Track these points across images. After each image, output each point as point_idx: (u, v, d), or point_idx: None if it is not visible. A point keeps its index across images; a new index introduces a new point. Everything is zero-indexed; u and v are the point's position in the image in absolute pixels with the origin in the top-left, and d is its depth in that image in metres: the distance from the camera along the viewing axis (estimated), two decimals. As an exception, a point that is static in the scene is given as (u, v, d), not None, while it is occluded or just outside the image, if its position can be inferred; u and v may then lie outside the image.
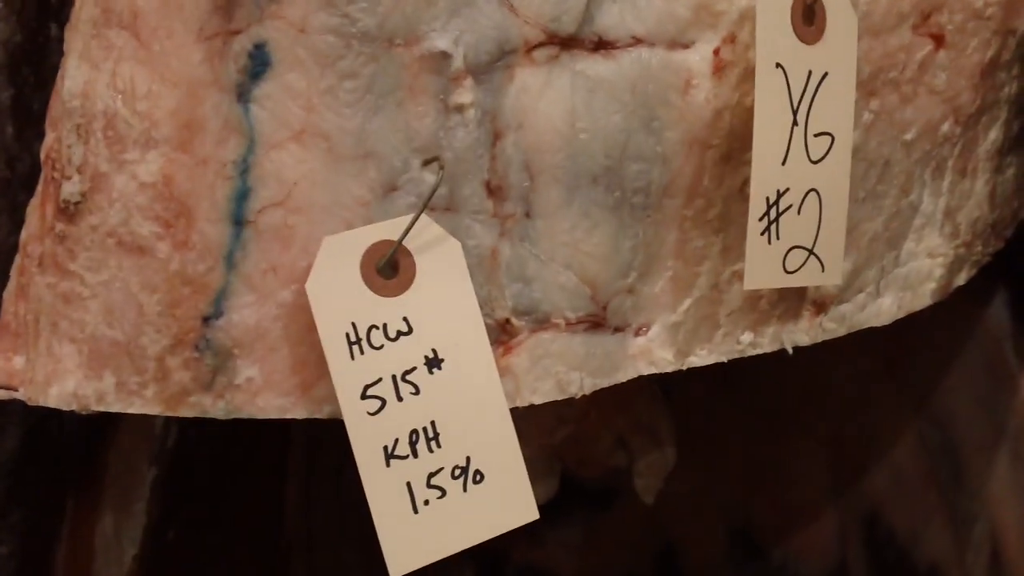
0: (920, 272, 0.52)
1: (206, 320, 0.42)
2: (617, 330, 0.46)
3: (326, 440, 0.70)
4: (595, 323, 0.46)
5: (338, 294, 0.41)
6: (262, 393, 0.43)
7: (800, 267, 0.46)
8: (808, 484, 0.71)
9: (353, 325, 0.41)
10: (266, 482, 0.70)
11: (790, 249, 0.45)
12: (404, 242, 0.41)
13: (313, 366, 0.42)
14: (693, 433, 0.65)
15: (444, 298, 0.42)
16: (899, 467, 0.66)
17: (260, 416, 0.43)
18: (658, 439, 0.61)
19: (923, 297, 0.52)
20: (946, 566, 0.63)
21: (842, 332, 0.50)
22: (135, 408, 0.43)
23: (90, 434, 0.54)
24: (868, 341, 0.53)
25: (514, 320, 0.45)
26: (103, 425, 0.55)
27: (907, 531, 0.66)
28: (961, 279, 0.54)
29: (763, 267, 0.45)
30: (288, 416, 0.43)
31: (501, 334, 0.45)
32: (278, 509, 0.70)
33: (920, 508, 0.65)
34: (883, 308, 0.51)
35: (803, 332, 0.49)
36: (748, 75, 0.44)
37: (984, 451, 0.61)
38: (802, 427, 0.71)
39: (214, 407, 0.43)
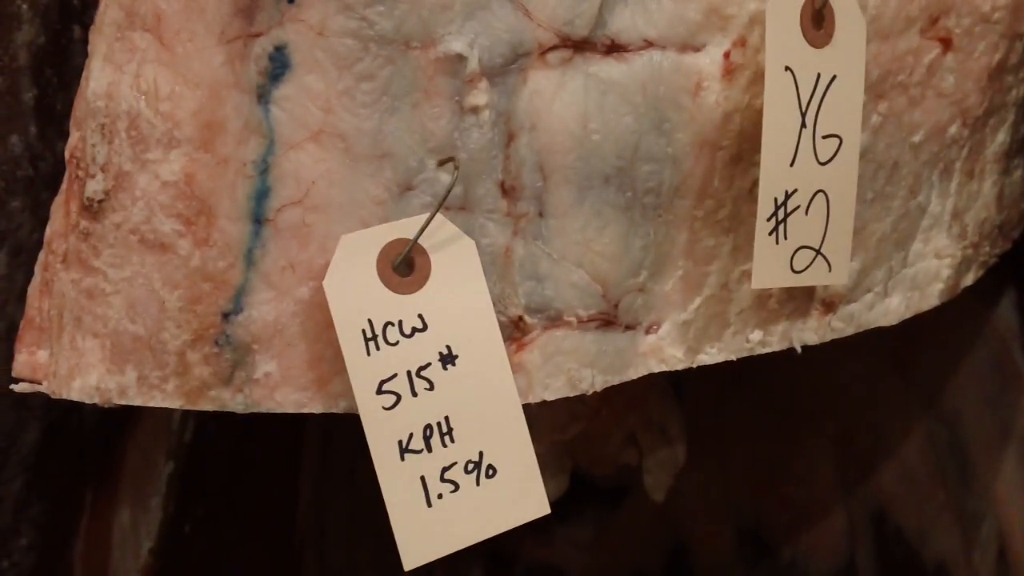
0: (928, 272, 0.52)
1: (226, 316, 0.43)
2: (628, 328, 0.47)
3: (339, 438, 0.71)
4: (606, 321, 0.46)
5: (355, 291, 0.42)
6: (280, 388, 0.43)
7: (807, 267, 0.46)
8: (817, 482, 0.71)
9: (369, 322, 0.42)
10: (280, 479, 0.70)
11: (798, 249, 0.46)
12: (419, 240, 0.42)
13: (330, 361, 0.43)
14: (703, 431, 0.66)
15: (458, 296, 0.43)
16: (907, 466, 0.67)
17: (278, 410, 0.44)
18: (668, 437, 0.61)
19: (931, 297, 0.52)
20: (953, 564, 0.63)
21: (850, 331, 0.51)
22: (156, 402, 0.43)
23: (109, 428, 0.55)
24: (877, 340, 0.53)
25: (527, 317, 0.45)
26: (122, 420, 0.55)
27: (915, 529, 0.66)
28: (968, 280, 0.54)
29: (771, 266, 0.45)
30: (305, 410, 0.44)
31: (514, 331, 0.45)
32: (291, 506, 0.71)
33: (928, 507, 0.65)
34: (891, 308, 0.51)
35: (812, 331, 0.49)
36: (758, 78, 0.44)
37: (991, 450, 0.61)
38: (811, 425, 0.71)
39: (233, 401, 0.43)
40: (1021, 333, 0.61)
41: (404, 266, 0.42)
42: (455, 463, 0.42)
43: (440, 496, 0.42)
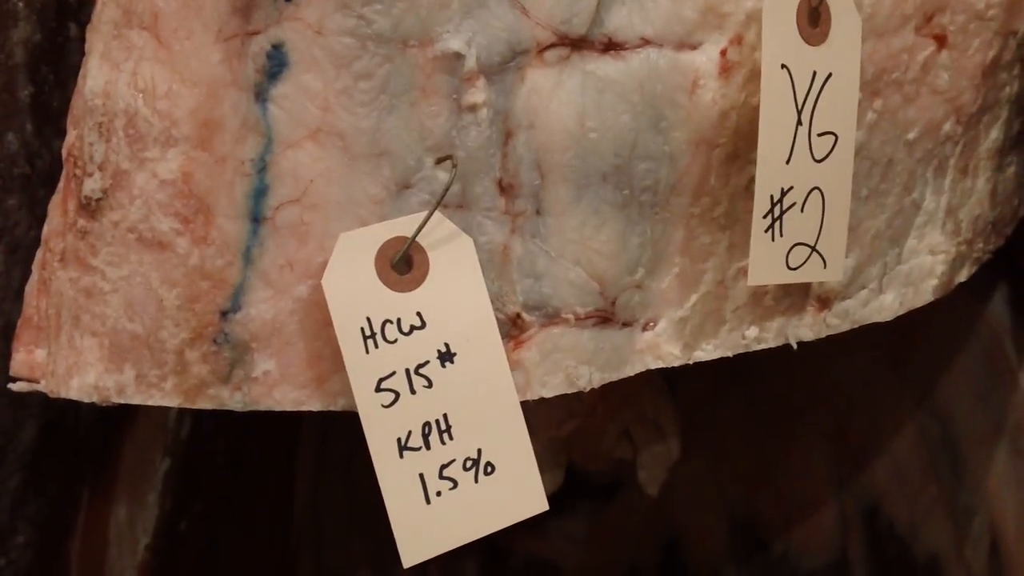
0: (922, 269, 0.52)
1: (224, 314, 0.43)
2: (625, 325, 0.47)
3: (335, 436, 0.71)
4: (604, 318, 0.46)
5: (353, 289, 0.42)
6: (279, 386, 0.44)
7: (803, 264, 0.47)
8: (810, 477, 0.72)
9: (368, 319, 0.42)
10: (276, 477, 0.70)
11: (793, 246, 0.46)
12: (418, 238, 0.42)
13: (328, 360, 0.43)
14: (697, 427, 0.66)
15: (456, 293, 0.43)
16: (900, 461, 0.67)
17: (277, 408, 0.44)
18: (662, 432, 0.61)
19: (925, 293, 0.52)
20: (946, 558, 0.64)
21: (845, 328, 0.51)
22: (155, 400, 0.43)
23: (106, 426, 0.55)
24: (871, 336, 0.54)
25: (524, 315, 0.45)
26: (119, 417, 0.55)
27: (907, 524, 0.67)
28: (962, 276, 0.54)
29: (767, 263, 0.45)
30: (304, 409, 0.44)
31: (512, 328, 0.45)
32: (288, 504, 0.71)
33: (920, 501, 0.65)
34: (885, 304, 0.52)
35: (807, 327, 0.50)
36: (754, 76, 0.45)
37: (983, 445, 0.62)
38: (805, 421, 0.72)
39: (232, 399, 0.44)
40: (1013, 328, 0.61)
41: (402, 264, 0.42)
42: (454, 460, 0.43)
43: (439, 493, 0.42)
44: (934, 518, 0.64)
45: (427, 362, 0.42)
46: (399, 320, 0.42)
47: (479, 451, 0.43)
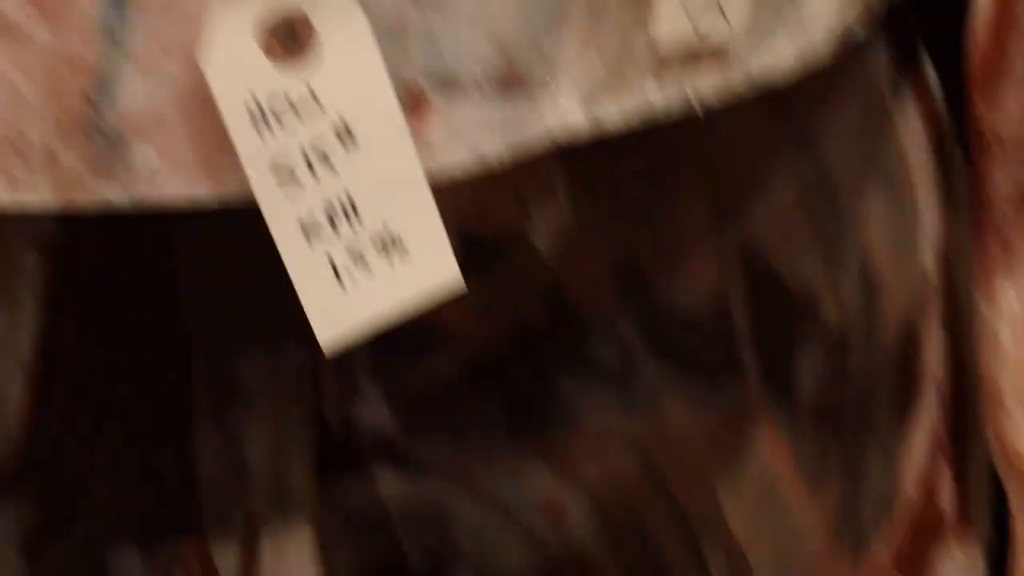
0: (816, 18, 0.52)
1: (93, 104, 0.39)
2: (528, 93, 0.45)
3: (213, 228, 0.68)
4: (506, 86, 0.45)
5: (235, 67, 0.39)
6: (163, 177, 0.41)
7: (706, 23, 0.46)
8: (690, 224, 0.74)
9: (255, 99, 0.39)
10: (158, 268, 0.67)
11: (698, 6, 0.45)
12: (302, 7, 0.39)
13: (216, 145, 0.40)
14: (587, 188, 0.66)
15: (350, 67, 0.40)
16: (777, 206, 0.70)
17: (165, 201, 0.41)
18: (555, 192, 0.62)
19: (821, 47, 0.53)
20: (820, 289, 0.69)
21: (746, 89, 0.51)
22: (26, 201, 0.40)
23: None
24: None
25: (425, 88, 0.43)
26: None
27: (783, 261, 0.71)
28: (854, 25, 0.54)
29: (671, 24, 0.44)
30: (195, 199, 0.41)
31: (413, 103, 0.43)
32: (173, 294, 0.69)
33: (796, 242, 0.69)
34: (783, 60, 0.52)
35: (711, 90, 0.49)
36: None
37: (860, 188, 0.65)
38: (687, 171, 0.73)
39: (114, 194, 0.41)
40: (892, 78, 0.63)
41: (287, 37, 0.39)
42: (363, 243, 0.42)
43: (352, 278, 0.41)
44: (809, 255, 0.68)
45: (325, 142, 0.40)
46: (290, 99, 0.40)
47: (389, 232, 0.42)
